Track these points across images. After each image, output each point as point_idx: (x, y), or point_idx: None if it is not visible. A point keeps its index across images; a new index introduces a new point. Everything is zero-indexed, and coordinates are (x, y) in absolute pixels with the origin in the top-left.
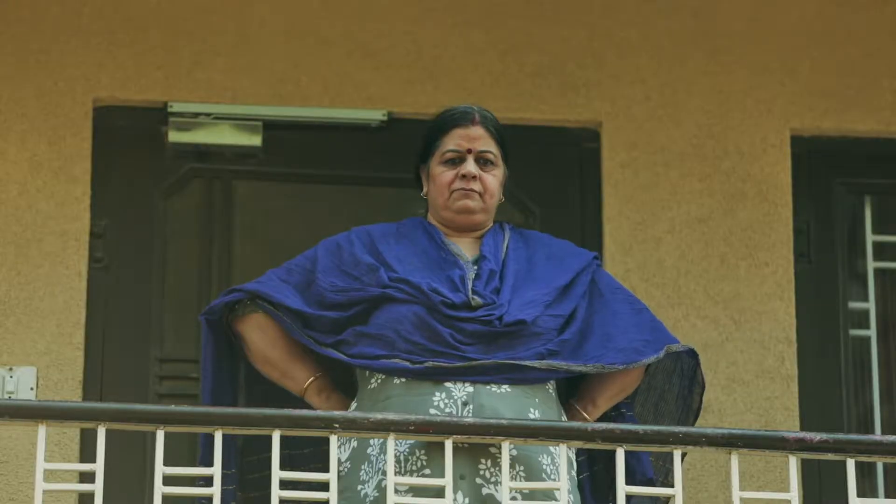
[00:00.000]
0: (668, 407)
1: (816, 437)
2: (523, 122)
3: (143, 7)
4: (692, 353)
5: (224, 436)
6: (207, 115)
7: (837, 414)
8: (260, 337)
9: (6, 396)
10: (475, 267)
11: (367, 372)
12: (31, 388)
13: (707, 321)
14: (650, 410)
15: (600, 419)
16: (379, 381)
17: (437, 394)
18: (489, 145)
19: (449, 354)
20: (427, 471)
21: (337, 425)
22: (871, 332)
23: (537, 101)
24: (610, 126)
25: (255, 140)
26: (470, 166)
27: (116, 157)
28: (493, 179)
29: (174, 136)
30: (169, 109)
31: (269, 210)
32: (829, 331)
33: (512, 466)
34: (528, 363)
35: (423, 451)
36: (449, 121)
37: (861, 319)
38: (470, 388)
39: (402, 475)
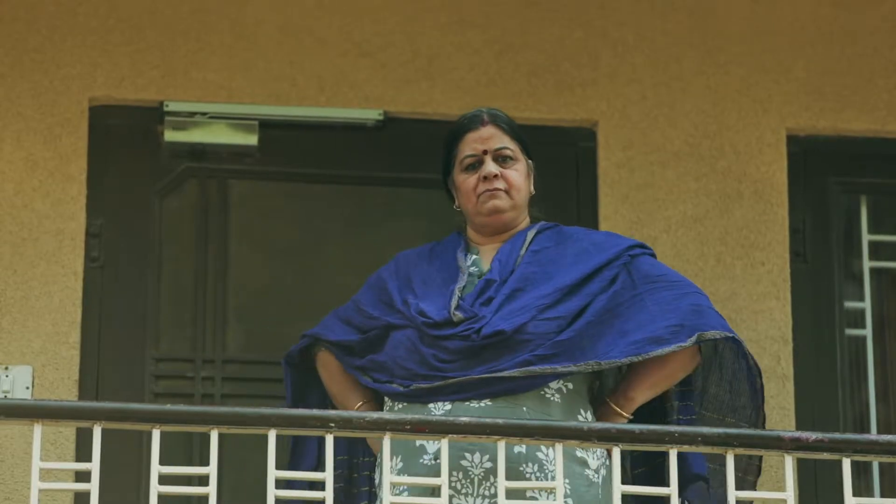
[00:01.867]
0: (741, 385)
1: (812, 436)
2: (519, 121)
3: (138, 6)
4: (733, 341)
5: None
6: (203, 114)
7: (833, 413)
8: (324, 373)
9: (2, 395)
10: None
11: (385, 398)
12: (27, 388)
13: None
14: (725, 389)
15: (656, 411)
16: (389, 406)
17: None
18: (504, 142)
19: (432, 377)
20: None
21: (333, 424)
22: (867, 332)
23: (533, 100)
24: (606, 125)
25: (251, 139)
26: (489, 167)
27: (112, 156)
28: (516, 174)
29: (170, 136)
30: (165, 108)
31: (265, 209)
32: (824, 330)
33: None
34: (506, 374)
35: None
36: (461, 128)
37: (857, 319)
38: (448, 406)
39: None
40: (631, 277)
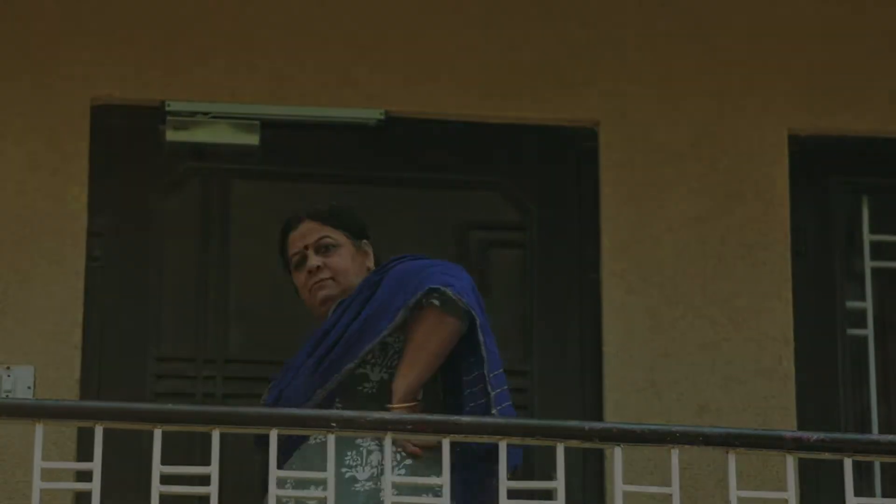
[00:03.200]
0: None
1: (814, 436)
2: (521, 121)
3: (140, 6)
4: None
5: None
6: (205, 114)
7: (834, 413)
8: None
9: (3, 395)
10: None
11: None
12: (29, 387)
13: (704, 320)
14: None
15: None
16: None
17: None
18: (322, 232)
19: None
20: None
21: (334, 424)
22: (869, 332)
23: (534, 100)
24: (607, 125)
25: (253, 139)
26: (311, 261)
27: (114, 155)
28: (339, 259)
29: (172, 135)
30: (166, 108)
31: (267, 209)
32: (826, 330)
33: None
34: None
35: None
36: (283, 231)
37: (858, 319)
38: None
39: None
40: (384, 289)
